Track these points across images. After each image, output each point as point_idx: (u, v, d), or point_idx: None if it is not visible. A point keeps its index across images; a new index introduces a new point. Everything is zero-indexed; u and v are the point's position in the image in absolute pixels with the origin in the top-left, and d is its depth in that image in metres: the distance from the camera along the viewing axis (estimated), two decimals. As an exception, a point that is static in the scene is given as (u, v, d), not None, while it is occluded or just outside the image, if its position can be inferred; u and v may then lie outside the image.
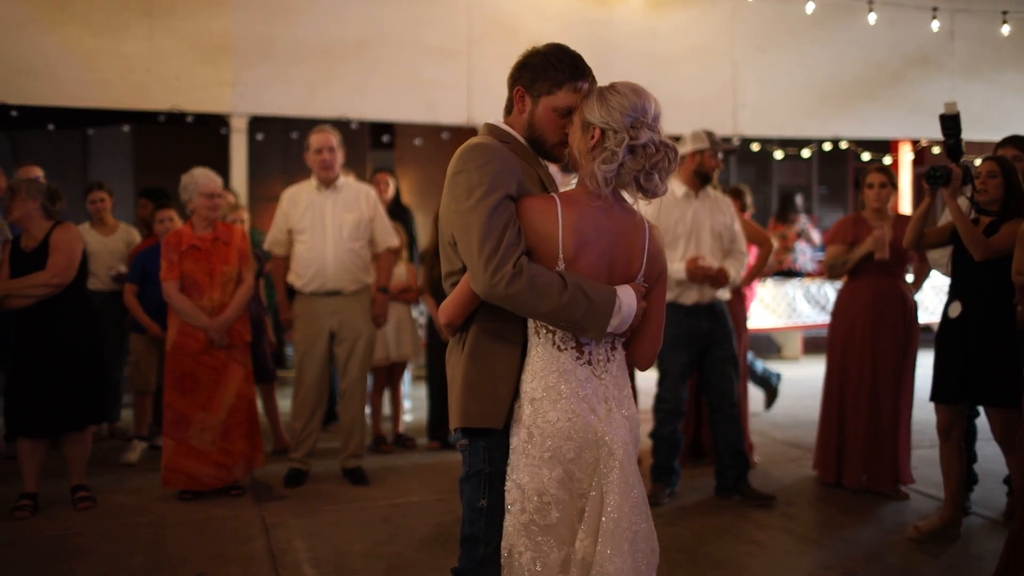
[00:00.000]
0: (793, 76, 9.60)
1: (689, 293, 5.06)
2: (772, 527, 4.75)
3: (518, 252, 2.25)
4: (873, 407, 5.21)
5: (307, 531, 4.64)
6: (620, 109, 2.27)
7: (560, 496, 2.30)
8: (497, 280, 2.23)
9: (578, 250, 2.30)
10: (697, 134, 5.14)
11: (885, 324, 5.18)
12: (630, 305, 2.32)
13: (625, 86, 2.32)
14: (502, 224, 2.25)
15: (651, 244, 2.42)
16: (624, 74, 8.67)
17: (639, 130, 2.26)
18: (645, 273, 2.41)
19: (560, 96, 2.41)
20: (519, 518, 2.33)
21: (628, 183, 2.32)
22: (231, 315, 5.12)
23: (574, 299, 2.24)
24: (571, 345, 2.35)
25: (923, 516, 4.81)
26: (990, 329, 4.27)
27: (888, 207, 5.28)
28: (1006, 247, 4.18)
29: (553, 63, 2.42)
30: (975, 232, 4.23)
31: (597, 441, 2.30)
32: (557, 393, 2.32)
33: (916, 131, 10.14)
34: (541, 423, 2.32)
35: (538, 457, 2.31)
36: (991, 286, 4.29)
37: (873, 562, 4.26)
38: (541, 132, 2.46)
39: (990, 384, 4.25)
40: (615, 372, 2.40)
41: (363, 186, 5.71)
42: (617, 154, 2.26)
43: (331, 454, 5.89)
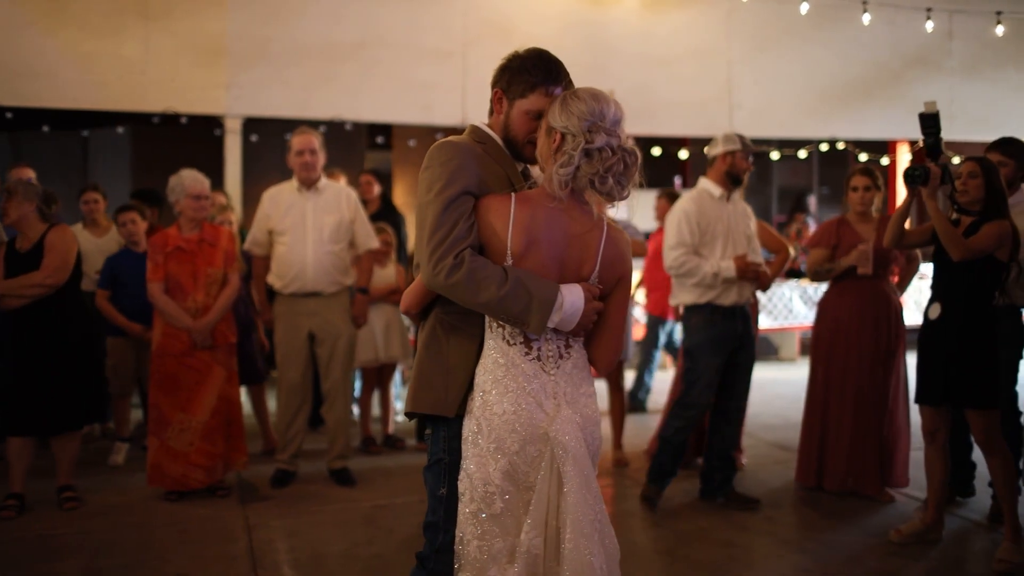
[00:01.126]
0: (790, 77, 9.59)
1: (728, 294, 4.94)
2: (754, 530, 4.75)
3: (463, 245, 2.31)
4: (858, 409, 5.20)
5: (289, 532, 4.66)
6: (578, 114, 2.32)
7: (505, 487, 2.35)
8: (439, 270, 2.31)
9: (527, 248, 2.35)
10: (729, 136, 5.07)
11: (870, 325, 5.17)
12: (573, 303, 2.35)
13: (586, 91, 2.37)
14: (453, 218, 2.33)
15: (608, 247, 2.44)
16: (620, 76, 8.77)
17: (595, 134, 2.31)
18: (600, 275, 2.43)
19: (532, 99, 2.48)
20: (468, 507, 2.40)
21: (585, 186, 2.37)
22: (215, 317, 5.14)
23: (514, 293, 2.29)
24: (520, 340, 2.40)
25: (906, 519, 4.80)
26: (969, 330, 4.24)
27: (873, 210, 5.26)
28: (985, 247, 4.16)
29: (528, 67, 2.49)
30: (953, 232, 4.20)
31: (542, 436, 2.34)
32: (504, 387, 2.38)
33: (914, 131, 10.03)
34: (489, 415, 2.37)
35: (485, 448, 2.37)
36: (970, 287, 4.25)
37: (853, 565, 4.25)
38: (514, 133, 2.54)
39: (970, 386, 4.22)
40: (569, 370, 2.44)
41: (344, 188, 5.73)
42: (573, 158, 2.32)
43: (320, 455, 5.90)
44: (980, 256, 4.17)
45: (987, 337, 4.24)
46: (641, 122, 9.18)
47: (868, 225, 5.22)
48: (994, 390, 4.20)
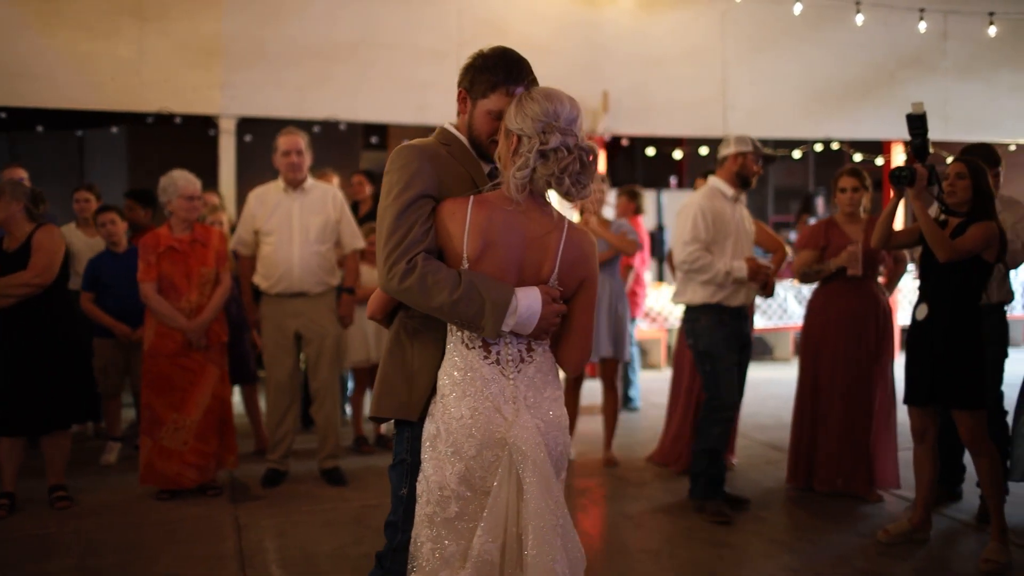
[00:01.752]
0: (785, 77, 9.59)
1: (737, 295, 4.92)
2: (743, 530, 4.76)
3: (417, 249, 2.32)
4: (847, 410, 5.21)
5: (278, 532, 4.67)
6: (532, 115, 2.31)
7: (460, 491, 2.34)
8: (392, 275, 2.32)
9: (483, 251, 2.34)
10: (741, 137, 5.05)
11: (858, 326, 5.18)
12: (529, 307, 2.33)
13: (539, 91, 2.36)
14: (409, 222, 2.34)
15: (568, 248, 2.41)
16: (615, 76, 8.79)
17: (549, 135, 2.30)
18: (560, 277, 2.41)
19: (493, 99, 2.47)
20: (424, 509, 2.39)
21: (543, 188, 2.37)
22: (209, 316, 5.17)
23: (467, 297, 2.28)
24: (478, 344, 2.39)
25: (895, 519, 4.82)
26: (956, 331, 4.25)
27: (861, 210, 5.27)
28: (972, 248, 4.16)
29: (490, 66, 2.48)
30: (939, 233, 4.20)
31: (499, 441, 2.32)
32: (462, 390, 2.36)
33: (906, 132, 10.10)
34: (448, 418, 2.36)
35: (443, 451, 2.35)
36: (957, 288, 4.26)
37: (841, 565, 4.26)
38: (477, 133, 2.52)
39: (957, 386, 4.23)
40: (532, 374, 2.41)
41: (330, 188, 5.74)
42: (529, 160, 2.31)
43: (311, 454, 5.92)
44: (967, 257, 4.17)
45: (974, 337, 4.24)
46: (636, 122, 9.20)
47: (856, 226, 5.23)
48: (981, 391, 4.22)
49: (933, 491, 4.56)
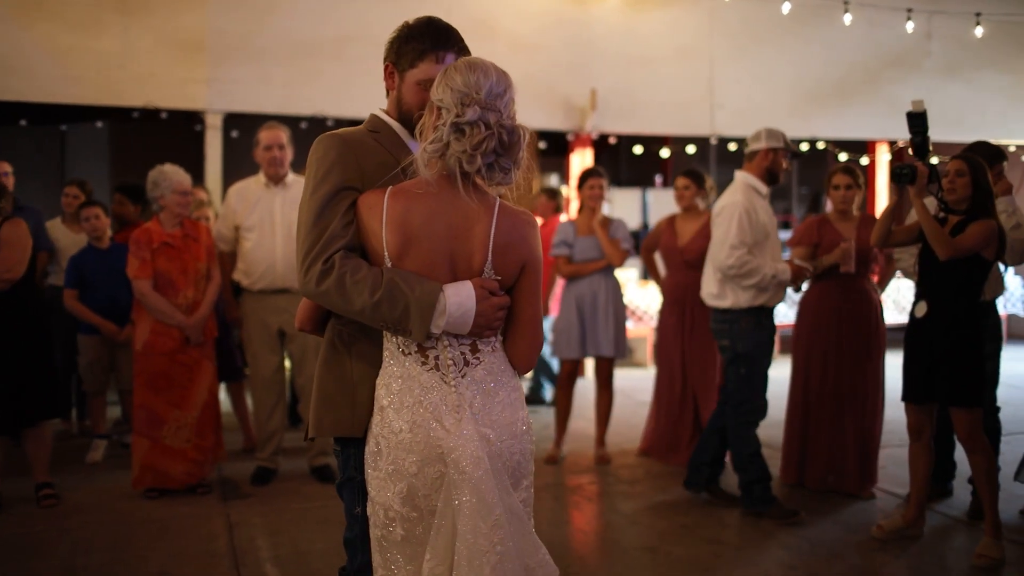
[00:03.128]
0: (772, 76, 9.62)
1: (777, 297, 4.83)
2: (737, 527, 4.76)
3: (334, 248, 2.13)
4: (838, 407, 5.22)
5: (270, 529, 4.63)
6: (453, 86, 2.10)
7: (405, 513, 2.15)
8: (309, 277, 2.14)
9: (405, 246, 2.14)
10: (773, 132, 4.92)
11: (850, 324, 5.19)
12: (461, 304, 2.11)
13: (464, 61, 2.16)
14: (326, 219, 2.16)
15: (501, 232, 2.16)
16: (602, 74, 8.78)
17: (467, 107, 2.08)
18: (494, 265, 2.17)
19: (422, 68, 2.30)
20: (374, 531, 2.23)
21: (454, 168, 2.11)
22: (206, 312, 5.13)
23: (390, 298, 2.08)
24: (414, 349, 2.17)
25: (886, 515, 4.83)
26: (956, 329, 4.25)
27: (854, 208, 5.28)
28: (973, 246, 4.16)
29: (415, 35, 2.32)
30: (940, 231, 4.20)
31: (440, 456, 2.11)
32: (400, 402, 2.16)
33: (893, 131, 10.16)
34: (387, 433, 2.16)
35: (384, 470, 2.16)
36: (957, 285, 4.26)
37: (836, 561, 4.27)
38: (407, 108, 2.34)
39: (956, 384, 4.23)
40: (480, 378, 2.18)
41: None
42: (443, 134, 2.09)
43: (299, 452, 5.87)
44: (967, 255, 4.17)
45: (973, 336, 4.25)
46: (623, 121, 9.20)
47: (849, 223, 5.24)
48: (979, 389, 4.23)
49: (928, 488, 4.57)
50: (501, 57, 8.48)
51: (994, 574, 4.11)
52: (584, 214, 6.03)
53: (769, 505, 4.83)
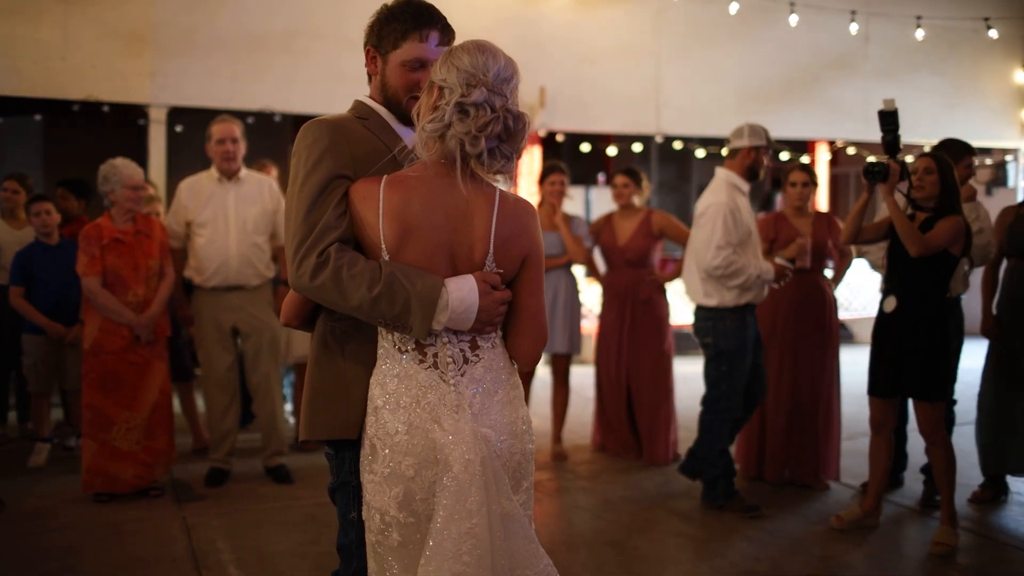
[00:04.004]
0: (716, 76, 9.74)
1: (760, 295, 4.85)
2: (699, 521, 4.80)
3: (329, 240, 2.04)
4: (795, 402, 5.30)
5: (230, 531, 4.53)
6: (459, 66, 2.03)
7: (401, 518, 2.06)
8: (302, 271, 2.04)
9: (403, 238, 2.05)
10: (756, 129, 4.92)
11: (805, 319, 5.27)
12: (463, 299, 2.02)
13: (471, 42, 2.08)
14: (319, 210, 2.06)
15: (502, 223, 2.09)
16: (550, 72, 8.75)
17: (473, 88, 2.01)
18: (496, 258, 2.09)
19: (406, 48, 2.23)
20: (369, 537, 2.15)
21: (455, 149, 2.02)
22: (157, 310, 4.99)
23: (389, 293, 1.99)
24: (412, 346, 2.09)
25: (845, 506, 4.93)
26: (925, 324, 4.31)
27: (808, 205, 5.36)
28: (942, 243, 4.24)
29: (395, 14, 2.25)
30: (912, 228, 4.26)
31: (436, 457, 2.03)
32: (396, 401, 2.07)
33: (832, 131, 10.38)
34: (382, 435, 2.07)
35: (380, 474, 2.07)
36: (926, 281, 4.33)
37: (798, 552, 4.33)
38: (394, 91, 2.27)
39: (923, 378, 4.30)
40: (479, 375, 2.10)
41: (265, 178, 5.60)
42: (445, 113, 2.01)
43: (252, 452, 5.76)
44: (936, 251, 4.25)
45: (942, 331, 4.33)
46: (571, 118, 9.23)
47: (805, 220, 5.32)
48: (945, 383, 4.32)
49: (886, 479, 4.66)
50: None
51: (950, 560, 4.22)
52: (544, 210, 6.02)
53: (731, 499, 4.88)
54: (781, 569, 4.14)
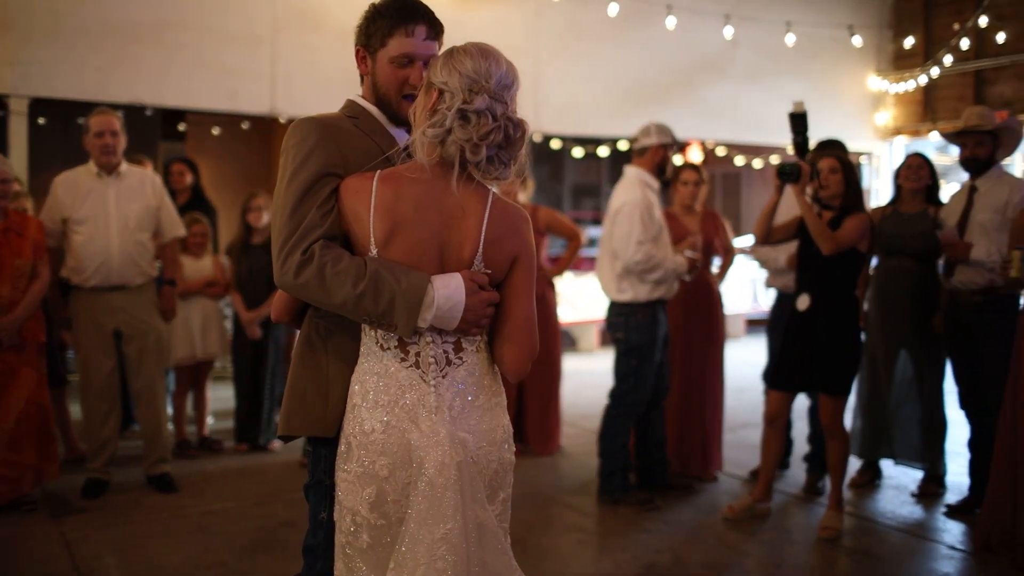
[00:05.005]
0: (595, 76, 9.86)
1: (671, 290, 4.91)
2: (596, 515, 4.85)
3: (314, 237, 2.02)
4: (685, 396, 5.42)
5: (116, 545, 4.30)
6: (461, 70, 2.02)
7: (372, 519, 2.03)
8: (287, 268, 2.03)
9: (392, 233, 2.03)
10: (663, 128, 5.01)
11: (694, 315, 5.40)
12: (450, 297, 2.00)
13: (475, 46, 2.07)
14: (306, 207, 2.05)
15: (493, 223, 2.07)
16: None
17: (476, 95, 2.00)
18: (485, 258, 2.07)
19: (394, 44, 2.22)
20: (339, 538, 2.11)
21: (454, 155, 2.01)
22: (23, 313, 4.66)
23: (374, 290, 1.98)
24: (394, 344, 2.06)
25: (735, 496, 5.08)
26: (836, 320, 4.45)
27: (697, 204, 5.49)
28: (851, 240, 4.38)
29: (381, 11, 2.24)
30: (824, 227, 4.38)
31: (411, 458, 2.00)
32: (375, 400, 2.04)
33: (704, 132, 10.67)
34: (358, 433, 2.04)
35: (353, 472, 2.04)
36: (837, 279, 4.46)
37: (697, 542, 4.44)
38: (384, 90, 2.26)
39: (833, 373, 4.44)
40: (461, 378, 2.07)
41: (147, 172, 5.37)
42: (446, 118, 1.99)
43: (131, 461, 5.50)
44: (846, 249, 4.40)
45: (853, 327, 4.48)
46: (452, 116, 9.16)
47: (693, 218, 5.45)
48: (852, 377, 4.49)
49: (775, 470, 4.81)
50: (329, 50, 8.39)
51: (837, 543, 4.41)
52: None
53: (627, 493, 4.95)
54: (682, 559, 4.23)
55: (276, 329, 6.10)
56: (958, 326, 4.79)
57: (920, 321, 5.06)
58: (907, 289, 5.05)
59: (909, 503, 5.04)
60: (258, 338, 6.00)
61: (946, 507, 4.88)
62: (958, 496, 4.97)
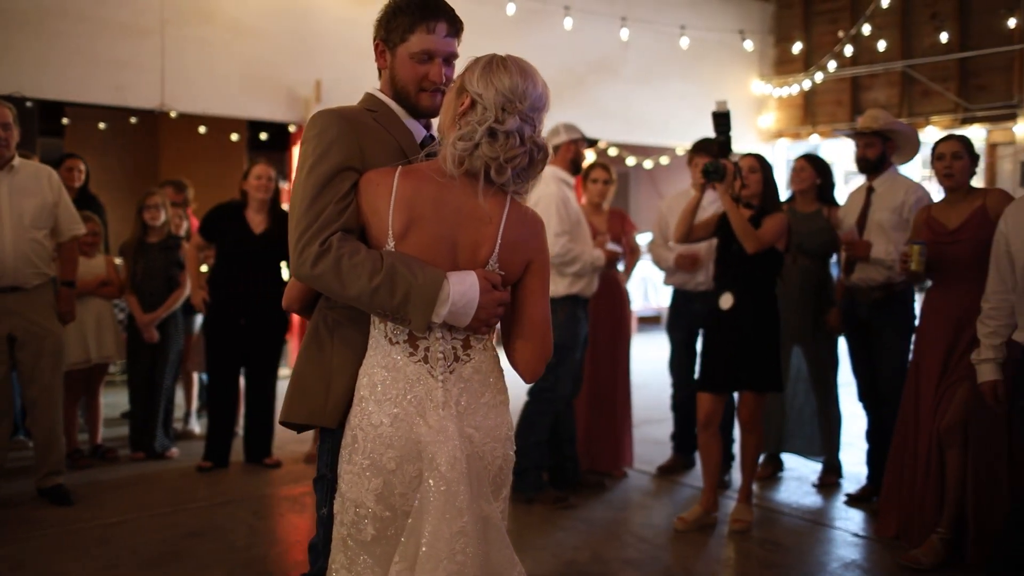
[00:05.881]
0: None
1: (591, 285, 4.96)
2: (511, 514, 4.78)
3: (332, 228, 2.05)
4: (594, 394, 5.47)
5: (12, 563, 4.06)
6: (498, 86, 2.04)
7: (378, 511, 2.05)
8: (304, 259, 2.05)
9: (409, 226, 2.05)
10: (570, 125, 5.15)
11: (602, 313, 5.45)
12: (464, 294, 2.02)
13: (516, 63, 2.09)
14: (326, 198, 2.07)
15: (511, 226, 2.10)
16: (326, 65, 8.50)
17: (508, 115, 2.03)
18: (500, 259, 2.09)
19: (415, 40, 2.25)
20: (339, 530, 2.12)
21: (479, 169, 2.05)
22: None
23: (389, 283, 1.99)
24: (403, 338, 2.08)
25: (646, 492, 5.16)
26: (761, 318, 4.52)
27: (605, 203, 5.55)
28: (773, 239, 4.46)
29: (402, 7, 2.27)
30: (749, 226, 4.45)
31: (420, 453, 2.02)
32: (383, 392, 2.05)
33: (596, 132, 10.79)
34: (365, 425, 2.06)
35: (359, 464, 2.06)
36: (758, 277, 4.54)
37: (613, 538, 4.50)
38: (403, 84, 2.29)
39: (759, 371, 4.51)
40: (468, 375, 2.10)
41: (44, 167, 5.09)
42: (476, 132, 2.02)
43: (25, 473, 5.21)
44: (767, 247, 4.49)
45: (776, 324, 4.57)
46: (348, 114, 9.02)
47: (601, 216, 5.50)
48: (778, 374, 4.58)
49: (718, 474, 4.78)
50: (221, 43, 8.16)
51: (748, 534, 4.53)
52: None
53: (540, 491, 4.97)
54: (602, 556, 4.27)
55: (174, 333, 5.89)
56: (857, 322, 4.97)
57: (814, 317, 5.24)
58: (801, 286, 5.22)
59: (811, 493, 5.22)
60: (155, 341, 5.78)
61: (846, 496, 5.07)
62: (856, 485, 5.17)
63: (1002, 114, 9.92)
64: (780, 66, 11.97)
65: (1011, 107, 9.84)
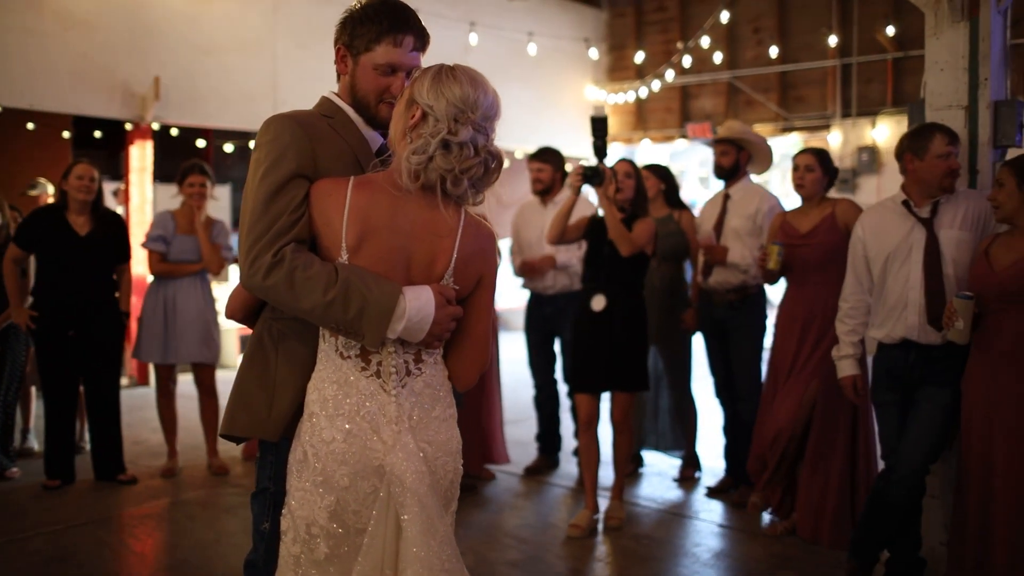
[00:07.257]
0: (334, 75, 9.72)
1: None
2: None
3: (286, 239, 2.00)
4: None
5: None
6: (449, 96, 2.00)
7: (331, 529, 2.01)
8: (255, 269, 1.99)
9: (362, 239, 2.01)
10: None
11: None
12: (420, 309, 1.99)
13: (465, 72, 2.05)
14: (278, 207, 2.02)
15: (467, 240, 2.08)
16: (164, 61, 8.26)
17: (461, 125, 2.00)
18: (455, 274, 2.08)
19: (380, 52, 2.19)
20: (290, 548, 2.06)
21: (435, 182, 2.02)
22: None
23: (344, 297, 1.95)
24: (355, 352, 2.04)
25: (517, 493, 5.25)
26: (632, 319, 4.65)
27: None
28: (644, 242, 4.60)
29: (371, 15, 2.20)
30: (625, 230, 4.56)
31: (377, 469, 1.99)
32: (335, 408, 2.01)
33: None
34: (316, 442, 2.01)
35: (310, 481, 2.02)
36: (630, 280, 4.67)
37: (493, 542, 4.55)
38: (363, 94, 2.23)
39: (633, 371, 4.63)
40: (419, 390, 2.08)
41: None
42: (429, 145, 1.99)
43: None
44: (639, 250, 4.64)
45: (644, 325, 4.72)
46: (188, 112, 8.70)
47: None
48: (646, 374, 4.73)
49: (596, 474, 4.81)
50: (51, 35, 7.87)
51: (622, 530, 4.69)
52: (183, 211, 5.69)
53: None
54: (486, 559, 4.32)
55: (15, 344, 5.50)
56: (713, 322, 5.23)
57: (667, 317, 5.48)
58: (654, 287, 5.44)
59: (673, 488, 5.45)
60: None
61: (707, 489, 5.33)
62: (715, 478, 5.45)
63: (818, 124, 10.68)
64: (613, 73, 12.38)
65: (826, 118, 10.59)
